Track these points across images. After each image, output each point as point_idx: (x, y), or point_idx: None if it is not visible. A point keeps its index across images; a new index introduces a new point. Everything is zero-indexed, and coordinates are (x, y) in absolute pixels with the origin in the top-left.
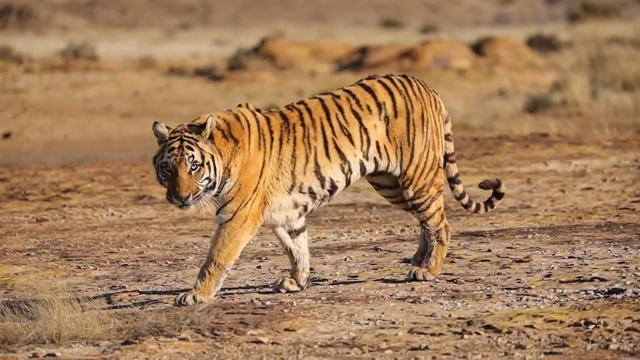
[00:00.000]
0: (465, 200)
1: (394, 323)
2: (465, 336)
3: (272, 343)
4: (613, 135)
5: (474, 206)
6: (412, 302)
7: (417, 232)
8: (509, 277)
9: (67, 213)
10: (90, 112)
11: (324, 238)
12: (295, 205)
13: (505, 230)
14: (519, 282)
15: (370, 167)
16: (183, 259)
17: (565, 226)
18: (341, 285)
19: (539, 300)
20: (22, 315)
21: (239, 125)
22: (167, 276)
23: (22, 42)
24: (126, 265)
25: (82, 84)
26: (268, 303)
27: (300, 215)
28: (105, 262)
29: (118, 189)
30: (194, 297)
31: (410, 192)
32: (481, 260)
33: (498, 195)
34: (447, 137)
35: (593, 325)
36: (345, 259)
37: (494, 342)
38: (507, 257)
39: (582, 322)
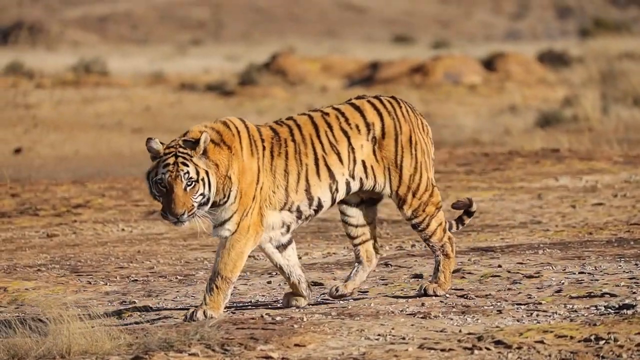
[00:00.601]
0: None
1: (404, 338)
2: (476, 352)
3: (282, 358)
4: (624, 150)
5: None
6: (422, 318)
7: (427, 248)
8: (520, 293)
9: (77, 228)
10: (102, 127)
11: (334, 253)
12: (282, 225)
13: (515, 245)
14: (530, 298)
15: (355, 186)
16: (193, 274)
17: (575, 242)
18: (351, 300)
19: (550, 316)
20: (32, 331)
21: (229, 132)
22: (178, 291)
23: (33, 58)
24: (136, 280)
25: (93, 100)
26: (278, 318)
27: (282, 235)
28: (116, 278)
29: (129, 204)
30: (204, 312)
31: (408, 213)
32: (491, 276)
33: (469, 213)
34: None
35: (603, 341)
36: None
37: (504, 358)
38: (518, 273)
39: (592, 337)
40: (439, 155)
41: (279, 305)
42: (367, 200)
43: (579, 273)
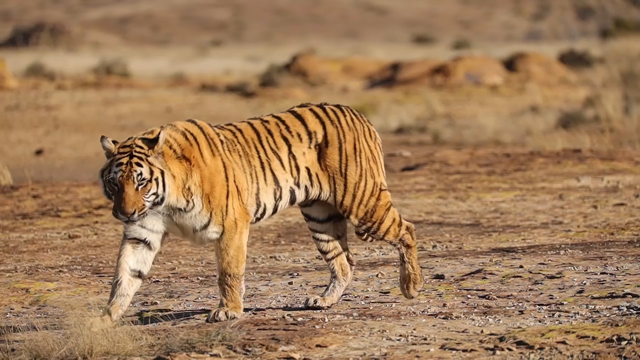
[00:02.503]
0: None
1: (425, 339)
2: (497, 352)
3: (304, 359)
4: None
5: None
6: (443, 318)
7: (449, 248)
8: (541, 293)
9: (99, 229)
10: (123, 128)
11: (355, 254)
12: None
13: (537, 246)
14: (551, 298)
15: (300, 195)
16: (215, 275)
17: (597, 242)
18: (373, 301)
19: (571, 317)
20: (54, 332)
21: (187, 143)
22: (199, 292)
23: (54, 59)
24: (158, 281)
25: (114, 101)
26: (300, 319)
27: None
28: None
29: None
30: (225, 313)
31: (355, 221)
32: (513, 276)
33: None
34: None
35: (626, 342)
36: (377, 275)
37: (526, 359)
38: (539, 273)
39: (614, 338)
40: (460, 156)
41: (300, 305)
42: (334, 215)
43: (601, 273)
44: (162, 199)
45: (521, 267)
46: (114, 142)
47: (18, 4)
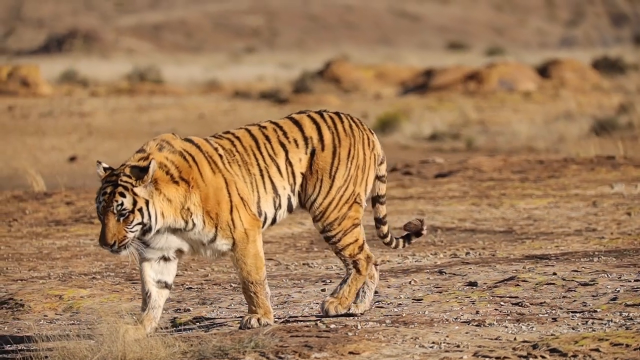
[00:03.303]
0: (387, 239)
1: (458, 346)
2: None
3: None
4: None
5: (394, 243)
6: (476, 325)
7: (482, 255)
8: (575, 301)
9: None
10: (156, 135)
11: (388, 261)
12: None
13: (570, 253)
14: (585, 306)
15: (295, 202)
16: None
17: (631, 249)
18: (405, 308)
19: (605, 324)
20: (87, 338)
21: (186, 165)
22: (232, 299)
23: (88, 66)
24: (191, 288)
25: (147, 108)
26: (332, 326)
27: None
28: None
29: None
30: (258, 320)
31: (320, 226)
32: (546, 284)
33: (418, 234)
34: (380, 179)
35: None
36: (410, 282)
37: None
38: (573, 280)
39: None
40: (494, 163)
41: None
42: None
43: (635, 281)
44: (150, 228)
45: (554, 274)
46: (108, 168)
47: (52, 11)
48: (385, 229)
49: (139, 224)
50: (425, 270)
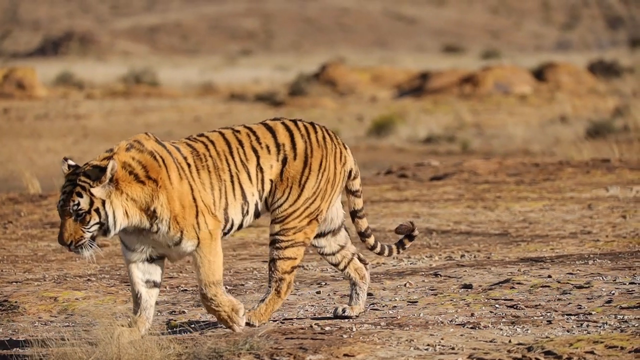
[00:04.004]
0: (378, 249)
1: (453, 349)
2: None
3: None
4: None
5: (387, 251)
6: (471, 328)
7: (477, 258)
8: (570, 303)
9: None
10: None
11: (383, 264)
12: None
13: (565, 256)
14: (580, 308)
15: (262, 208)
16: (242, 284)
17: (626, 252)
18: (400, 310)
19: (600, 326)
20: (82, 340)
21: (155, 164)
22: None
23: (83, 68)
24: (186, 290)
25: (143, 110)
26: (327, 328)
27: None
28: (165, 287)
29: None
30: (229, 317)
31: (277, 228)
32: (541, 286)
33: (410, 237)
34: (355, 194)
35: None
36: (405, 285)
37: None
38: (568, 283)
39: None
40: (489, 166)
41: (328, 315)
42: (330, 230)
43: (630, 283)
44: (109, 228)
45: (549, 276)
46: (73, 166)
47: (47, 14)
48: (371, 240)
49: (96, 223)
50: (420, 272)
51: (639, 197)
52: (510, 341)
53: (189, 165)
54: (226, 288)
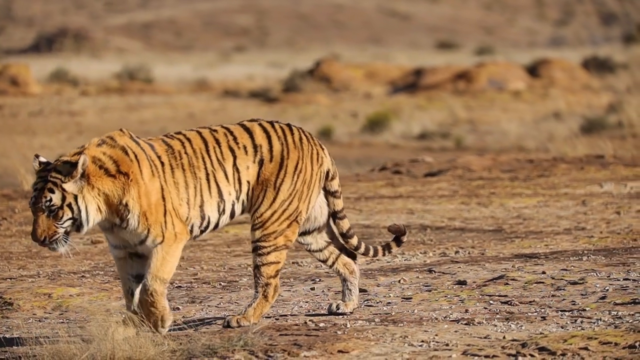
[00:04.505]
0: (362, 249)
1: (447, 345)
2: (520, 358)
3: None
4: None
5: (372, 251)
6: (465, 324)
7: (471, 254)
8: (564, 299)
9: None
10: (146, 134)
11: (377, 260)
12: None
13: (559, 252)
14: (574, 304)
15: (238, 210)
16: (237, 281)
17: (620, 248)
18: (395, 307)
19: (594, 323)
20: (76, 337)
21: (127, 159)
22: (221, 298)
23: (78, 65)
24: (180, 286)
25: (137, 106)
26: (322, 325)
27: None
28: None
29: None
30: (156, 323)
31: (258, 234)
32: (535, 282)
33: (398, 242)
34: (334, 195)
35: None
36: (399, 281)
37: None
38: (562, 279)
39: (637, 344)
40: (483, 162)
41: (322, 311)
42: (315, 228)
43: (624, 279)
44: (82, 223)
45: (544, 273)
46: (44, 163)
47: (41, 10)
48: (354, 241)
49: (69, 219)
50: (414, 269)
51: (633, 193)
52: (504, 337)
53: (162, 164)
54: (220, 284)
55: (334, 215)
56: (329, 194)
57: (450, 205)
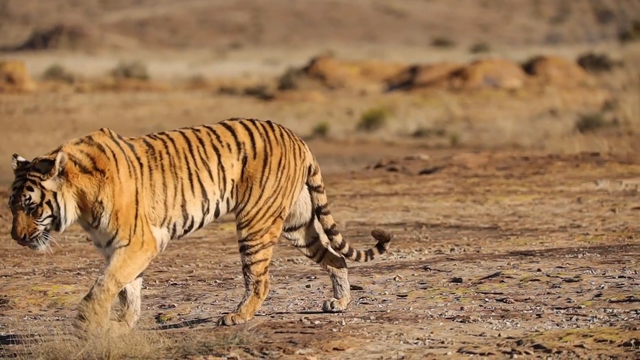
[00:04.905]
0: (345, 250)
1: (443, 342)
2: (515, 356)
3: None
4: None
5: (354, 254)
6: (461, 322)
7: (466, 251)
8: (559, 297)
9: None
10: (141, 131)
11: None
12: (161, 243)
13: (555, 249)
14: (569, 302)
15: (223, 209)
16: (232, 278)
17: (615, 246)
18: (390, 304)
19: (589, 320)
20: (71, 334)
21: (104, 156)
22: (217, 295)
23: (73, 62)
24: (175, 284)
25: (132, 104)
26: (317, 322)
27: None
28: (155, 281)
29: None
30: (81, 317)
31: (244, 233)
32: (531, 280)
33: (381, 248)
34: (317, 189)
35: None
36: (395, 278)
37: None
38: (557, 277)
39: (632, 342)
40: (479, 159)
41: (318, 309)
42: (301, 224)
43: (619, 277)
44: (60, 220)
45: (539, 270)
46: (22, 162)
47: (37, 7)
48: (338, 238)
49: (48, 216)
50: (410, 266)
51: (628, 190)
52: (499, 335)
53: (141, 165)
54: (215, 282)
55: (318, 210)
56: (312, 189)
57: (445, 203)
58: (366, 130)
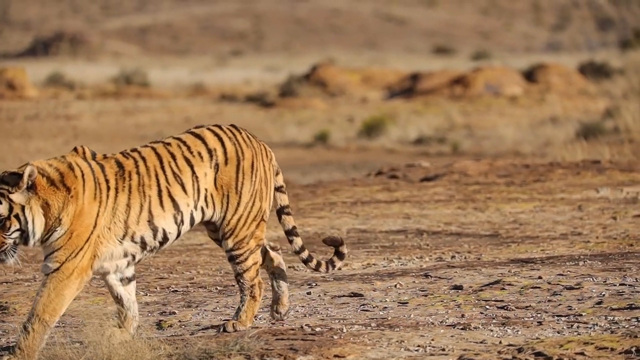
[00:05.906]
0: (304, 255)
1: (443, 350)
2: None
3: None
4: None
5: (314, 263)
6: (462, 329)
7: (467, 259)
8: (560, 304)
9: None
10: (142, 138)
11: (374, 264)
12: (125, 255)
13: (556, 257)
14: (570, 309)
15: (198, 217)
16: (233, 285)
17: (616, 253)
18: (391, 311)
19: (590, 328)
20: (72, 341)
21: (72, 174)
22: (217, 302)
23: (74, 69)
24: (176, 291)
25: (133, 111)
26: (318, 329)
27: (128, 264)
28: (156, 288)
29: None
30: (15, 355)
31: (230, 243)
32: (532, 287)
33: (340, 255)
34: (280, 189)
35: None
36: (395, 286)
37: None
38: (558, 284)
39: (633, 349)
40: (479, 167)
41: (319, 316)
42: None
43: (620, 285)
44: (29, 234)
45: (540, 278)
46: None
47: (38, 14)
48: (299, 241)
49: (16, 230)
50: (410, 273)
51: (629, 198)
52: (500, 342)
53: (108, 188)
54: (216, 289)
55: (280, 211)
56: (275, 189)
57: (446, 210)
58: (367, 137)
